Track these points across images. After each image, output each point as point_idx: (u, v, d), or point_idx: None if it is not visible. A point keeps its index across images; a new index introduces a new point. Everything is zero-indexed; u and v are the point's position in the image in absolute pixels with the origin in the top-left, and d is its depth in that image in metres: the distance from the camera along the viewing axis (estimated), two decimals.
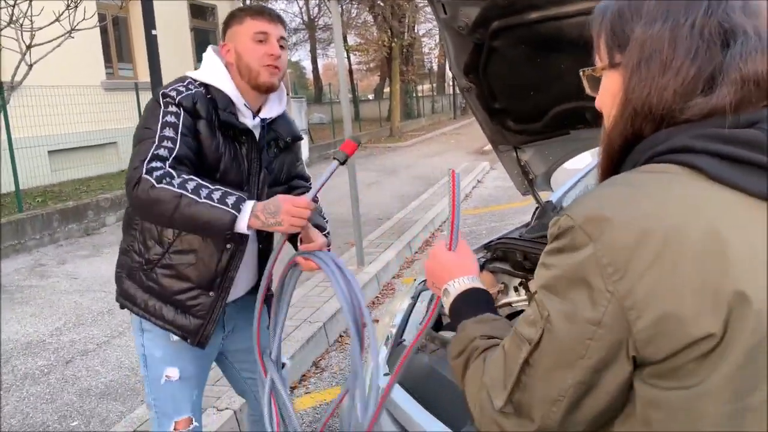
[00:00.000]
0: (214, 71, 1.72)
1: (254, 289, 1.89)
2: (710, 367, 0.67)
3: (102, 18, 7.94)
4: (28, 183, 7.52)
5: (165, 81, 7.74)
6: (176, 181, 1.53)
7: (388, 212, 7.50)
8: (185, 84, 1.68)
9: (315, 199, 1.68)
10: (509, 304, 2.39)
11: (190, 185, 1.53)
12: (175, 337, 1.78)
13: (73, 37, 6.26)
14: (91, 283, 5.15)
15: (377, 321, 4.18)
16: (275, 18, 1.73)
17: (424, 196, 8.55)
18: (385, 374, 1.93)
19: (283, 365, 2.04)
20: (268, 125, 1.82)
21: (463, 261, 1.04)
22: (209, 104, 1.67)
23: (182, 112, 1.63)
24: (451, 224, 1.05)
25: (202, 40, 13.44)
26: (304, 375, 3.52)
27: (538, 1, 1.80)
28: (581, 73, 0.87)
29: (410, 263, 5.71)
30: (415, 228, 6.53)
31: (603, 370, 0.70)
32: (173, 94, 1.64)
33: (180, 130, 1.61)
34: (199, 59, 13.41)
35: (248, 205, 1.55)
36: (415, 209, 7.58)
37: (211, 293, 1.77)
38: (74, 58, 8.09)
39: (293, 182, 1.97)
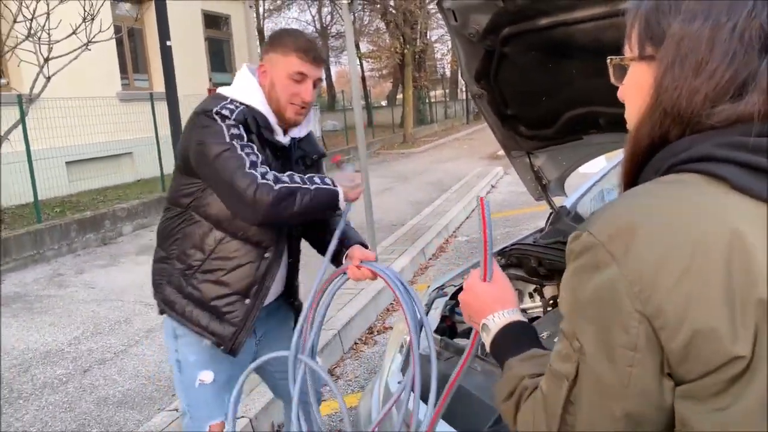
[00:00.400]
0: (251, 92, 1.76)
1: (281, 296, 2.00)
2: (743, 386, 0.63)
3: (118, 30, 8.07)
4: (46, 194, 7.63)
5: (180, 91, 7.82)
6: (285, 177, 1.62)
7: (401, 218, 7.50)
8: (230, 102, 1.71)
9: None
10: (524, 310, 2.38)
11: (297, 178, 1.64)
12: (208, 342, 1.83)
13: (89, 50, 6.37)
14: (108, 293, 5.20)
15: (391, 328, 4.18)
16: (319, 61, 1.79)
17: (438, 202, 8.53)
18: (399, 382, 1.92)
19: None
20: (296, 143, 1.90)
21: (500, 293, 0.99)
22: (254, 122, 1.73)
23: (240, 128, 1.68)
24: (485, 254, 0.99)
25: (216, 50, 13.58)
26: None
27: (548, 7, 1.80)
28: (608, 61, 0.83)
29: (424, 269, 5.70)
30: (428, 234, 6.51)
31: (651, 395, 0.66)
32: (226, 112, 1.68)
33: (248, 140, 1.67)
34: (213, 68, 13.53)
35: (333, 181, 1.71)
36: (428, 215, 7.57)
37: (247, 300, 1.82)
38: (91, 70, 8.21)
39: None
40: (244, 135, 1.67)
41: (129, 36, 10.49)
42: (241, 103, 1.72)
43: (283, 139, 1.81)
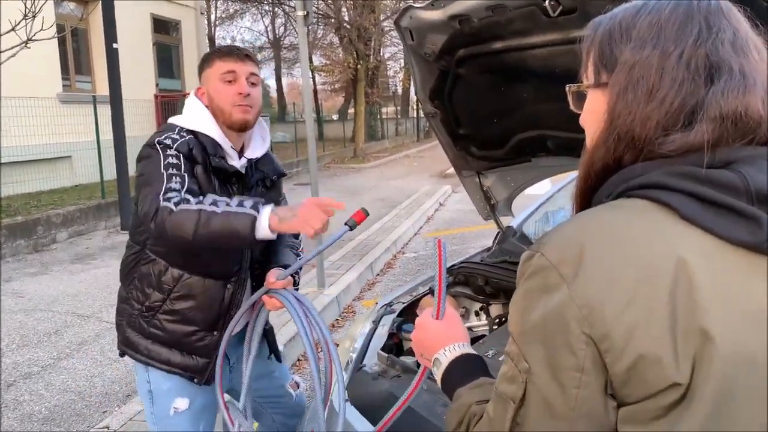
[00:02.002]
0: (198, 117, 1.72)
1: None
2: (680, 413, 0.64)
3: (60, 29, 7.76)
4: None
5: (125, 95, 7.59)
6: (194, 200, 1.54)
7: (349, 234, 7.45)
8: (176, 132, 1.68)
9: (297, 235, 1.89)
10: (470, 328, 2.39)
11: (207, 201, 1.54)
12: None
13: (29, 48, 6.09)
14: (38, 302, 4.93)
15: (338, 344, 4.13)
16: (243, 56, 1.74)
17: (386, 218, 8.55)
18: (345, 400, 1.89)
19: (298, 385, 2.16)
20: (255, 165, 1.84)
21: (452, 329, 0.99)
22: (201, 150, 1.68)
23: (182, 157, 1.63)
24: (439, 293, 1.01)
25: (164, 56, 13.27)
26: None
27: (503, 32, 1.83)
28: (567, 89, 0.84)
29: (371, 285, 5.68)
30: (377, 250, 6.51)
31: (597, 417, 0.67)
32: (169, 141, 1.64)
33: (183, 170, 1.61)
34: (161, 74, 13.25)
35: (267, 207, 1.55)
36: (377, 231, 7.57)
37: (215, 332, 1.79)
38: (30, 69, 7.85)
39: None
40: (182, 165, 1.62)
41: (72, 36, 10.12)
42: (189, 131, 1.69)
43: (237, 163, 1.76)
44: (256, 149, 1.83)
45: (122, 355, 1.83)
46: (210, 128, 1.71)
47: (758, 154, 0.69)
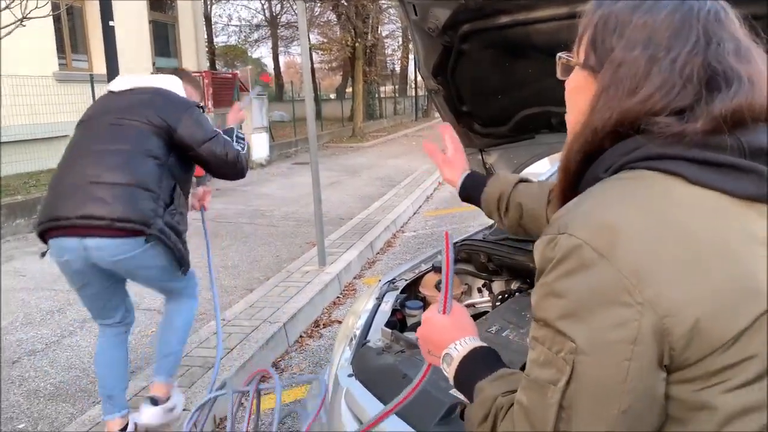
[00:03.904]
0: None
1: None
2: (733, 371, 0.67)
3: (56, 7, 7.67)
4: None
5: (122, 73, 7.52)
6: (232, 145, 2.58)
7: (350, 212, 7.48)
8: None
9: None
10: (473, 305, 2.41)
11: (241, 147, 2.65)
12: None
13: (24, 26, 6.02)
14: (39, 281, 4.95)
15: (339, 322, 4.16)
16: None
17: (386, 197, 8.56)
18: (349, 375, 1.91)
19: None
20: None
21: (460, 323, 0.96)
22: None
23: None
24: (445, 287, 0.97)
25: (160, 34, 13.13)
26: (264, 376, 3.47)
27: (508, 6, 1.82)
28: (557, 58, 0.86)
29: (372, 264, 5.70)
30: (377, 229, 6.53)
31: (647, 388, 0.66)
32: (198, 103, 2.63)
33: None
34: (157, 53, 13.12)
35: (232, 126, 2.81)
36: (377, 210, 7.58)
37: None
38: (25, 47, 7.78)
39: None
40: None
41: (68, 14, 10.00)
42: None
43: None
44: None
45: (146, 241, 2.29)
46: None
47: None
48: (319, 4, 22.40)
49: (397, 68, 34.95)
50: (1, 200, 6.12)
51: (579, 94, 0.81)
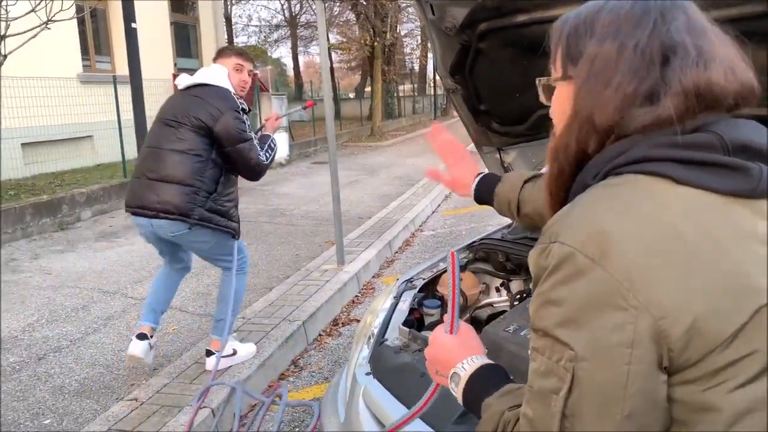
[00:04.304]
0: (227, 81, 3.06)
1: None
2: (735, 369, 0.67)
3: (80, 9, 7.80)
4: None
5: (145, 75, 7.64)
6: (262, 154, 3.08)
7: (368, 211, 7.50)
8: (233, 95, 3.01)
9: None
10: (491, 304, 2.40)
11: (268, 153, 3.13)
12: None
13: (49, 28, 6.14)
14: (65, 279, 5.05)
15: (357, 320, 4.17)
16: (249, 58, 3.18)
17: (405, 196, 8.56)
18: (367, 373, 1.92)
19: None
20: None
21: (467, 343, 0.97)
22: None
23: (243, 115, 3.01)
24: (452, 307, 0.98)
25: (182, 35, 13.28)
26: (283, 374, 3.50)
27: (525, 5, 1.81)
28: (537, 82, 0.90)
29: (390, 263, 5.71)
30: (395, 228, 6.53)
31: (648, 391, 0.66)
32: (241, 104, 3.01)
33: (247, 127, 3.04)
34: (179, 54, 13.27)
35: (269, 134, 3.25)
36: (395, 209, 7.59)
37: (236, 207, 3.14)
38: (50, 49, 7.93)
39: None
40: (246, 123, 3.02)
41: (91, 16, 10.16)
42: (228, 90, 3.03)
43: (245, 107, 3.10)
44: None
45: (190, 228, 2.92)
46: (233, 88, 3.07)
47: (722, 117, 0.76)
48: (338, 4, 22.46)
49: (416, 67, 34.87)
50: (1, 202, 6.22)
51: (561, 107, 0.83)
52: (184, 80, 3.09)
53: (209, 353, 3.25)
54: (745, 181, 0.72)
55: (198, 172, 2.89)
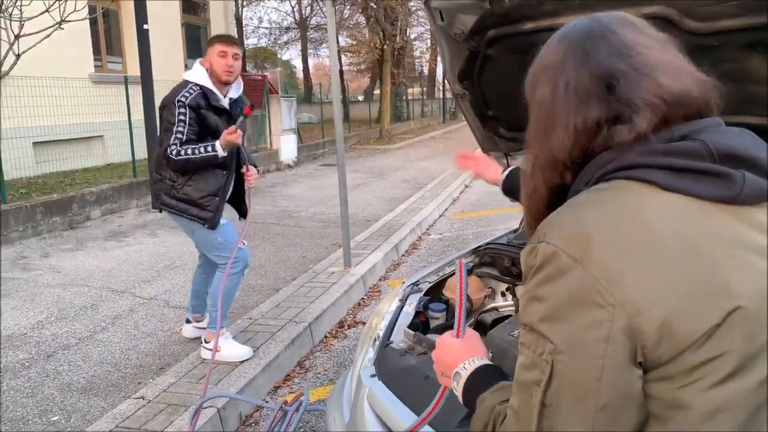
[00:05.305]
0: (200, 75, 3.20)
1: (232, 196, 3.50)
2: (709, 368, 0.69)
3: (92, 10, 7.88)
4: (11, 174, 7.43)
5: (156, 75, 7.70)
6: (182, 152, 3.09)
7: (375, 214, 7.52)
8: (188, 89, 3.14)
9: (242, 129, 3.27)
10: (496, 308, 2.42)
11: (189, 151, 3.09)
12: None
13: (62, 29, 6.21)
14: (74, 277, 5.10)
15: (363, 323, 4.19)
16: (232, 41, 3.26)
17: (412, 199, 8.57)
18: (372, 375, 1.94)
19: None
20: (234, 103, 3.33)
21: (470, 346, 1.02)
22: (203, 97, 3.15)
23: (187, 110, 3.10)
24: (459, 313, 1.03)
25: (193, 36, 13.37)
26: (288, 375, 3.52)
27: (533, 12, 1.83)
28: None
29: (397, 266, 5.73)
30: (402, 231, 6.54)
31: (622, 385, 0.69)
32: (183, 99, 3.10)
33: (187, 122, 3.10)
34: (189, 55, 13.38)
35: (216, 144, 3.10)
36: (402, 212, 7.60)
37: (216, 198, 3.24)
38: (63, 49, 8.01)
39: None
40: (186, 119, 3.09)
41: (104, 17, 10.25)
42: (196, 84, 3.15)
43: (224, 102, 3.25)
44: (233, 92, 3.31)
45: (160, 211, 3.31)
46: (208, 83, 3.18)
47: (709, 123, 0.79)
48: (348, 7, 22.53)
49: (425, 70, 34.91)
50: (0, 204, 6.27)
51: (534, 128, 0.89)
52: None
53: (204, 342, 3.49)
54: (728, 187, 0.74)
55: (162, 162, 3.17)
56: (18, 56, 5.98)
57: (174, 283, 4.94)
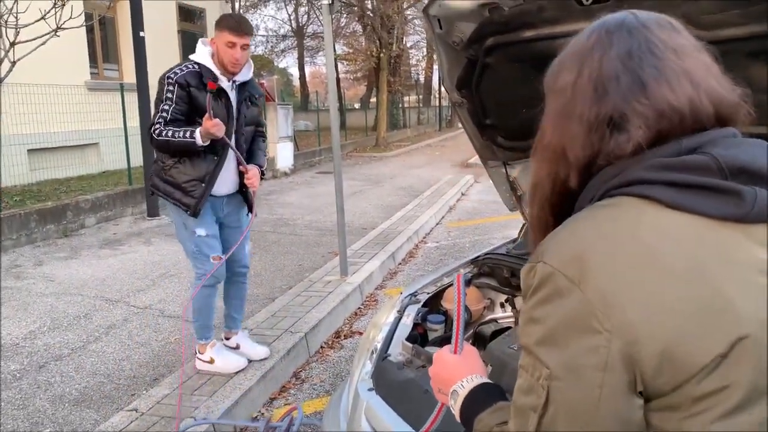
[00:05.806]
0: (203, 55, 3.03)
1: (236, 192, 3.27)
2: (716, 398, 0.65)
3: (89, 17, 7.86)
4: (5, 182, 7.38)
5: (151, 83, 7.66)
6: (164, 132, 2.92)
7: (372, 222, 7.49)
8: (182, 66, 3.00)
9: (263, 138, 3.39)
10: (495, 320, 2.39)
11: (170, 133, 2.91)
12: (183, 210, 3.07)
13: (58, 36, 6.18)
14: (68, 286, 5.04)
15: (360, 333, 4.15)
16: (242, 32, 2.97)
17: (409, 207, 8.55)
18: (369, 389, 1.90)
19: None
20: (241, 87, 3.13)
21: (468, 362, 1.00)
22: (198, 76, 2.96)
23: (175, 87, 2.93)
24: (456, 328, 1.01)
25: (189, 43, 13.35)
26: (284, 386, 3.48)
27: (533, 20, 1.81)
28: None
29: (393, 274, 5.69)
30: (399, 239, 6.51)
31: (620, 414, 0.67)
32: (172, 75, 2.95)
33: (174, 101, 2.94)
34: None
35: (197, 131, 2.89)
36: (399, 220, 7.57)
37: (203, 184, 3.05)
38: (59, 56, 7.98)
39: (256, 126, 3.34)
40: (173, 97, 2.92)
41: (100, 24, 10.24)
42: (195, 63, 2.99)
43: (225, 84, 3.03)
44: (243, 75, 3.09)
45: (152, 194, 3.22)
46: (208, 62, 3.00)
47: (721, 134, 0.74)
48: (345, 15, 22.60)
49: (422, 78, 34.99)
50: (0, 210, 6.24)
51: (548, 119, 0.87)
52: None
53: (200, 354, 3.41)
54: (738, 205, 0.69)
55: None
56: (13, 63, 5.95)
57: (169, 292, 4.89)
